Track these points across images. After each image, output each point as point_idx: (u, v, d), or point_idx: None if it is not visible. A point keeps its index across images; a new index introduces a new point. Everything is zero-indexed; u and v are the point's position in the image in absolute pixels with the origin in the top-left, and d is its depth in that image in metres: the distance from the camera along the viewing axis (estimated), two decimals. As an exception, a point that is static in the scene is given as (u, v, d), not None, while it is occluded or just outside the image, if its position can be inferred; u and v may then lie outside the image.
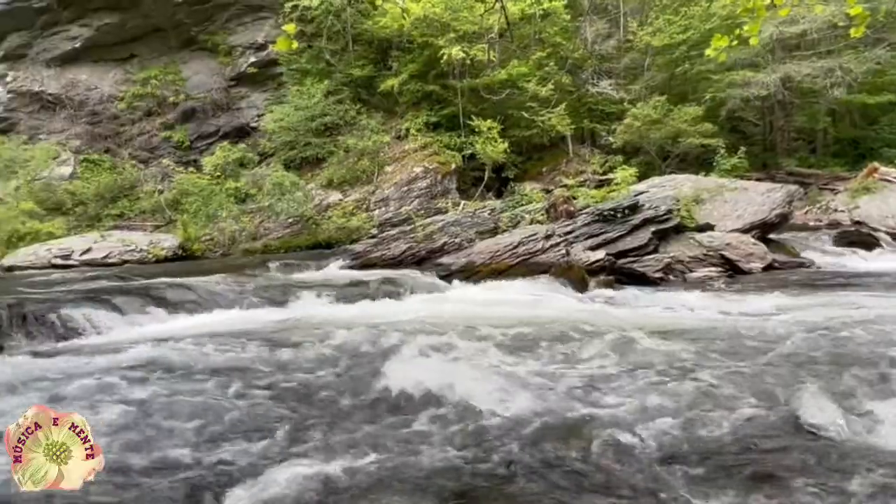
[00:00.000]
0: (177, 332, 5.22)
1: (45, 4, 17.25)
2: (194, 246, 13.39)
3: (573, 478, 2.21)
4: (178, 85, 18.60)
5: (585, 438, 2.55)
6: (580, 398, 3.09)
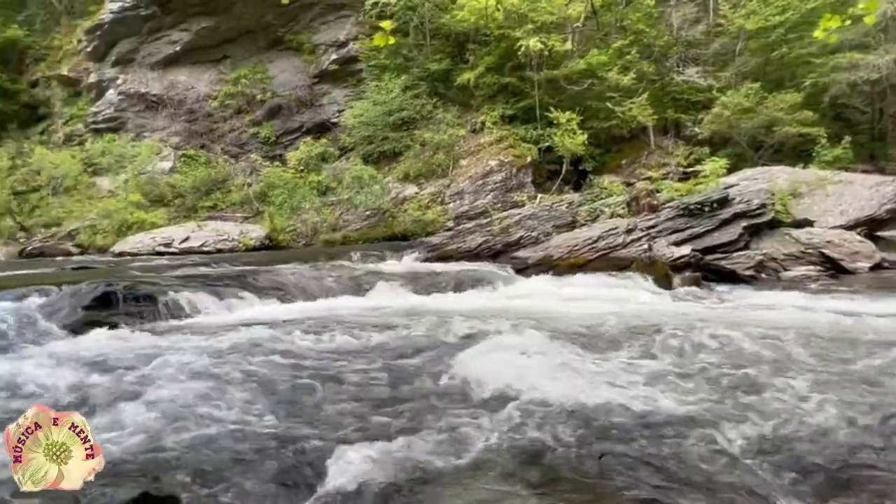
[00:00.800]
0: (267, 317, 5.53)
1: (150, 11, 18.68)
2: (280, 236, 14.10)
3: (664, 474, 2.14)
4: (266, 83, 19.55)
5: (676, 436, 2.46)
6: (668, 396, 2.98)
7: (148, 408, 2.71)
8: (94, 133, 19.63)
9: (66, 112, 20.57)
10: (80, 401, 2.93)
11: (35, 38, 21.55)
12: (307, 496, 2.02)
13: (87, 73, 20.22)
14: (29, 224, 16.44)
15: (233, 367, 3.57)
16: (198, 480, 2.00)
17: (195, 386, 3.03)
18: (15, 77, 21.35)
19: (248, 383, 3.29)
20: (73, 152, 18.56)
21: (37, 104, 21.30)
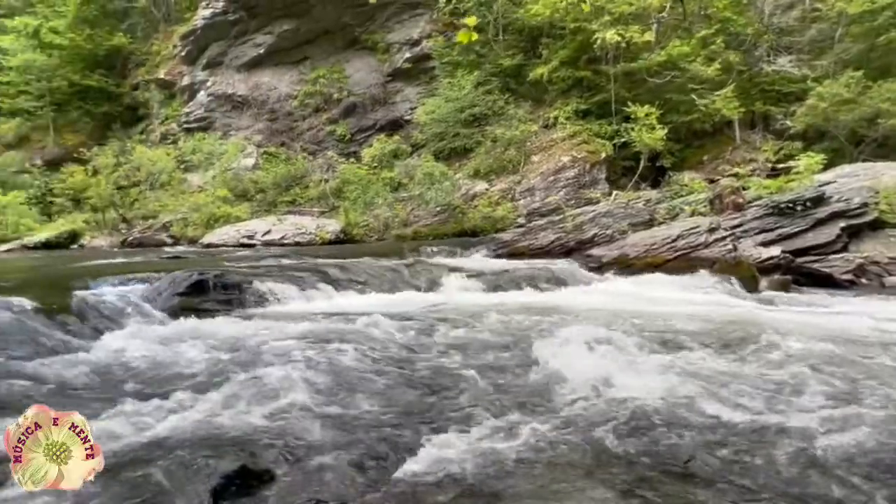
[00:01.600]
0: (344, 308, 5.73)
1: (238, 16, 19.76)
2: (354, 230, 14.56)
3: (753, 482, 2.04)
4: (342, 83, 20.18)
5: (766, 444, 2.34)
6: (756, 401, 2.83)
7: (241, 387, 2.89)
8: (186, 132, 21.06)
9: (162, 113, 22.19)
10: (181, 378, 3.17)
11: (137, 44, 23.37)
12: (389, 479, 2.09)
13: (181, 76, 21.69)
14: (129, 216, 17.92)
15: (315, 353, 3.73)
16: (289, 458, 2.12)
17: (282, 369, 3.19)
18: (119, 81, 23.28)
19: (330, 369, 3.42)
20: (168, 150, 20.00)
21: (137, 106, 23.12)
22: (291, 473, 2.01)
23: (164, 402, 2.70)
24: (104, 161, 18.75)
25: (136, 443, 2.24)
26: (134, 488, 1.90)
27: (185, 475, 1.95)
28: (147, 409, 2.62)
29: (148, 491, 1.88)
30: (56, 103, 22.31)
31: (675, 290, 6.56)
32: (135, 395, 2.96)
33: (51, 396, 2.92)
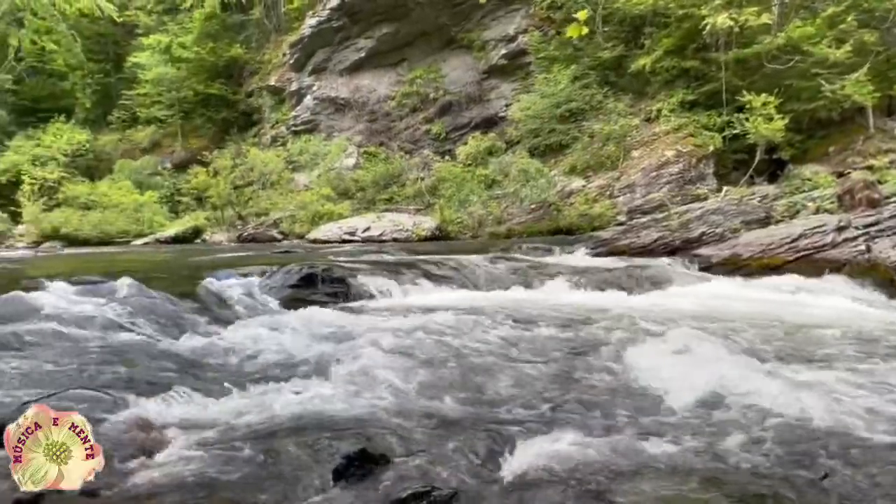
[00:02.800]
0: (442, 303, 5.84)
1: (341, 23, 20.72)
2: (448, 228, 14.78)
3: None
4: (439, 82, 20.53)
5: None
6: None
7: (353, 375, 3.04)
8: (293, 134, 22.45)
9: (272, 117, 23.80)
10: (297, 363, 3.40)
11: (251, 54, 25.23)
12: (498, 473, 2.11)
13: (290, 82, 23.13)
14: (244, 213, 19.42)
15: (417, 346, 3.84)
16: (402, 444, 2.21)
17: (388, 359, 3.33)
18: (236, 89, 25.27)
19: (432, 361, 3.51)
20: (278, 152, 21.43)
21: (251, 111, 24.98)
22: (406, 459, 2.09)
23: (285, 385, 2.91)
24: (223, 163, 20.47)
25: (263, 421, 2.43)
26: (263, 462, 2.06)
27: (308, 454, 2.09)
28: (270, 391, 2.84)
29: (276, 466, 2.03)
30: (183, 111, 24.66)
31: (795, 293, 6.02)
32: (257, 377, 3.21)
33: (185, 374, 3.24)
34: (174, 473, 1.96)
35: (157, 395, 2.70)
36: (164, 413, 2.49)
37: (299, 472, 1.98)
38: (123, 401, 2.57)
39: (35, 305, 4.31)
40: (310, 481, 1.91)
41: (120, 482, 1.88)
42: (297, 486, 1.88)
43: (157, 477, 1.93)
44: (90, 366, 3.15)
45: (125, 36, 26.95)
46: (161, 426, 2.35)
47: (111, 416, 2.42)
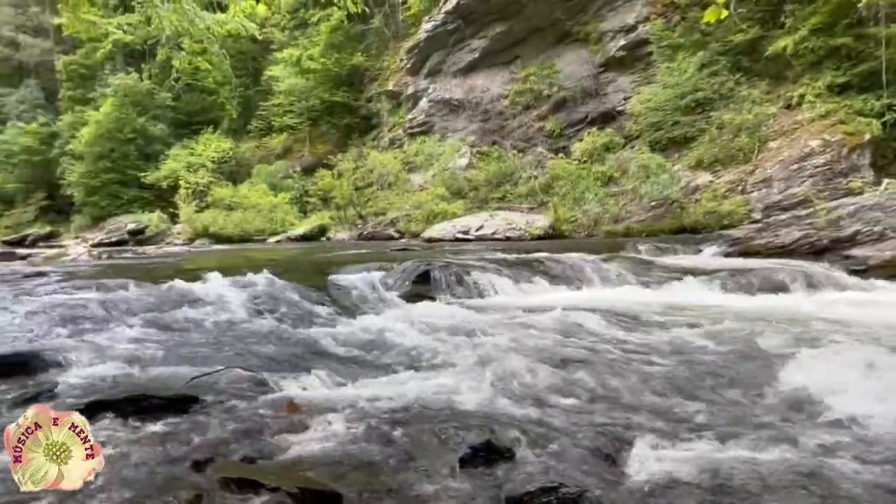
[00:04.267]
0: (559, 302, 5.74)
1: (455, 25, 21.10)
2: (562, 226, 14.48)
3: None
4: (553, 78, 20.16)
5: None
6: None
7: (474, 368, 3.11)
8: (410, 136, 23.26)
9: (390, 120, 24.86)
10: (421, 354, 3.54)
11: (371, 61, 26.54)
12: (620, 475, 2.06)
13: (406, 86, 23.99)
14: (364, 213, 20.49)
15: (537, 343, 3.84)
16: (525, 439, 2.22)
17: (509, 355, 3.35)
18: (357, 95, 26.73)
19: (552, 360, 3.48)
20: (395, 154, 22.34)
21: (371, 116, 26.28)
22: (530, 454, 2.10)
23: (411, 375, 3.05)
24: (345, 166, 21.78)
25: (394, 406, 2.57)
26: (395, 445, 2.18)
27: (436, 441, 2.18)
28: (398, 379, 2.99)
29: (407, 449, 2.14)
30: (311, 119, 26.56)
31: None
32: (385, 365, 3.39)
33: (321, 360, 3.50)
34: (318, 450, 2.13)
35: (298, 377, 2.96)
36: (306, 394, 2.72)
37: (428, 457, 2.07)
38: (271, 381, 2.85)
39: (196, 293, 4.90)
40: (438, 467, 1.99)
41: (273, 454, 2.09)
42: (427, 470, 1.97)
43: (303, 452, 2.12)
44: (241, 347, 3.52)
45: (262, 52, 29.59)
46: (303, 406, 2.57)
47: (261, 395, 2.69)
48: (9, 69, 34.62)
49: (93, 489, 1.70)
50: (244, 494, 1.69)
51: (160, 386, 2.59)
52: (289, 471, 1.89)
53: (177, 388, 2.55)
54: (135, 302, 4.50)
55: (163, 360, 3.14)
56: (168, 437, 2.11)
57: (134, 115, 27.43)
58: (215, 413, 2.40)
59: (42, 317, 4.05)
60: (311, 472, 1.94)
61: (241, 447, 2.09)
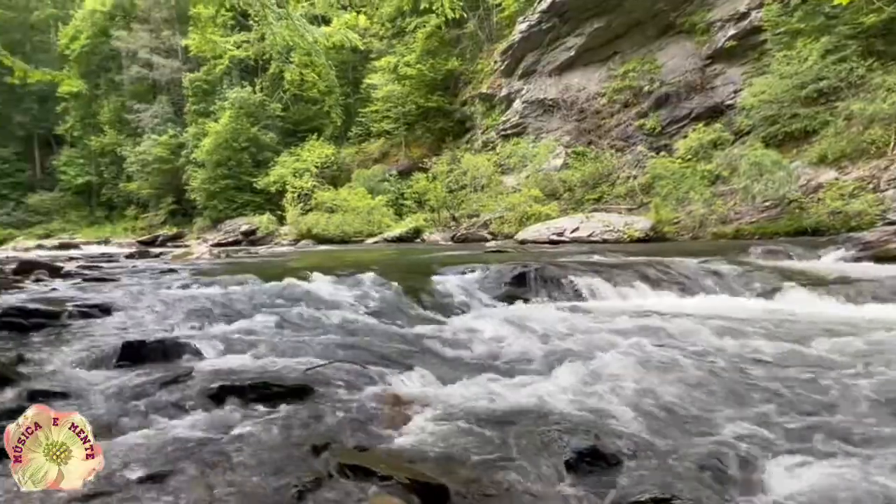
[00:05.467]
0: (661, 308, 5.49)
1: (551, 24, 20.81)
2: (664, 228, 13.79)
3: None
4: (654, 73, 19.29)
5: None
6: None
7: (573, 372, 3.05)
8: (503, 138, 23.24)
9: (483, 123, 24.99)
10: (519, 356, 3.53)
11: (465, 65, 26.84)
12: (735, 492, 1.94)
13: (500, 88, 24.01)
14: (458, 215, 20.76)
15: (640, 349, 3.69)
16: (632, 447, 2.15)
17: (611, 361, 3.26)
18: (451, 99, 27.15)
19: (658, 367, 3.33)
20: (488, 156, 22.43)
21: (465, 119, 26.57)
22: (638, 463, 2.04)
23: (510, 376, 3.06)
24: (440, 168, 22.19)
25: (494, 406, 2.59)
26: (497, 445, 2.20)
27: (539, 443, 2.17)
28: (497, 380, 3.01)
29: (509, 450, 2.15)
30: (407, 124, 27.34)
31: None
32: (483, 365, 3.43)
33: (420, 357, 3.60)
34: (422, 444, 2.21)
35: (400, 373, 3.07)
36: (409, 389, 2.82)
37: (532, 458, 2.07)
38: (376, 375, 2.98)
39: (305, 291, 5.23)
40: (542, 470, 1.98)
41: (380, 444, 2.19)
42: (531, 473, 1.97)
43: (408, 445, 2.20)
44: (348, 342, 3.71)
45: (361, 61, 30.91)
46: (406, 401, 2.66)
47: (367, 388, 2.83)
48: (145, 87, 38.86)
49: (230, 464, 1.88)
50: (358, 481, 1.79)
51: (279, 375, 2.80)
52: (397, 461, 1.97)
53: (294, 378, 2.74)
54: (253, 298, 4.88)
55: (279, 352, 3.39)
56: (288, 423, 2.28)
57: (248, 126, 29.73)
58: (328, 402, 2.55)
59: (176, 308, 4.52)
60: (417, 464, 2.01)
61: (352, 436, 2.21)
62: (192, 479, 1.78)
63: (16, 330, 3.84)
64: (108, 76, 39.93)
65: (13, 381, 2.58)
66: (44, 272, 7.36)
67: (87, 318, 4.26)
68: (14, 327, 3.86)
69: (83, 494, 1.63)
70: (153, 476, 1.77)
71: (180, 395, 2.52)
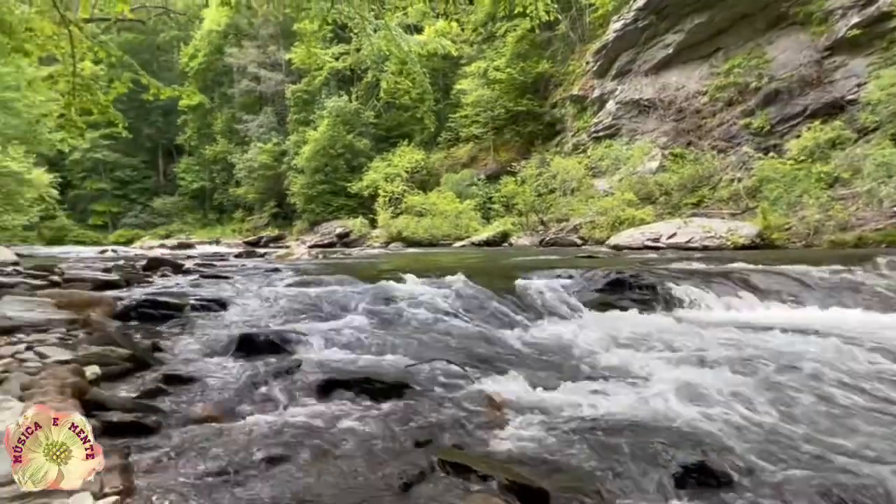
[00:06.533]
0: (773, 321, 5.09)
1: (647, 22, 20.02)
2: (773, 235, 12.78)
3: None
4: (762, 68, 17.98)
5: None
6: None
7: (673, 384, 2.91)
8: (594, 141, 22.65)
9: (574, 125, 24.49)
10: (617, 364, 3.43)
11: (556, 67, 26.47)
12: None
13: (592, 90, 23.42)
14: (546, 219, 20.48)
15: (748, 364, 3.45)
16: (742, 467, 2.02)
17: (717, 374, 3.08)
18: (541, 102, 26.88)
19: (763, 383, 3.11)
20: (579, 159, 21.94)
21: (554, 122, 26.19)
22: (751, 484, 1.92)
23: (608, 384, 2.98)
24: (529, 172, 22.01)
25: (593, 414, 2.54)
26: (597, 453, 2.15)
27: (641, 455, 2.10)
28: (595, 387, 2.95)
29: (609, 459, 2.10)
30: (495, 128, 27.42)
31: None
32: (577, 372, 3.36)
33: (514, 361, 3.60)
34: (519, 447, 2.21)
35: (496, 375, 3.10)
36: (504, 392, 2.83)
37: (634, 471, 2.01)
38: (471, 376, 3.03)
39: (398, 291, 5.40)
40: (646, 483, 1.92)
41: (478, 445, 2.22)
42: (634, 485, 1.91)
43: (505, 447, 2.22)
44: (442, 343, 3.79)
45: (451, 67, 31.39)
46: (502, 404, 2.68)
47: (463, 388, 2.87)
48: (252, 99, 41.91)
49: (339, 452, 2.00)
50: (459, 478, 1.83)
51: (379, 371, 2.92)
52: (496, 462, 2.00)
53: (394, 375, 2.85)
54: (351, 296, 5.12)
55: (377, 349, 3.53)
56: (390, 417, 2.38)
57: (343, 133, 31.16)
58: (426, 400, 2.63)
59: (282, 305, 4.84)
60: (516, 466, 2.02)
61: (451, 434, 2.26)
62: (306, 465, 1.91)
63: (149, 320, 4.29)
64: (221, 90, 43.50)
65: (151, 366, 2.89)
66: (168, 269, 8.15)
67: (207, 310, 4.68)
68: (147, 317, 4.32)
69: (217, 469, 1.80)
70: (273, 458, 1.92)
71: (291, 385, 2.71)
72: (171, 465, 1.88)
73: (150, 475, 1.79)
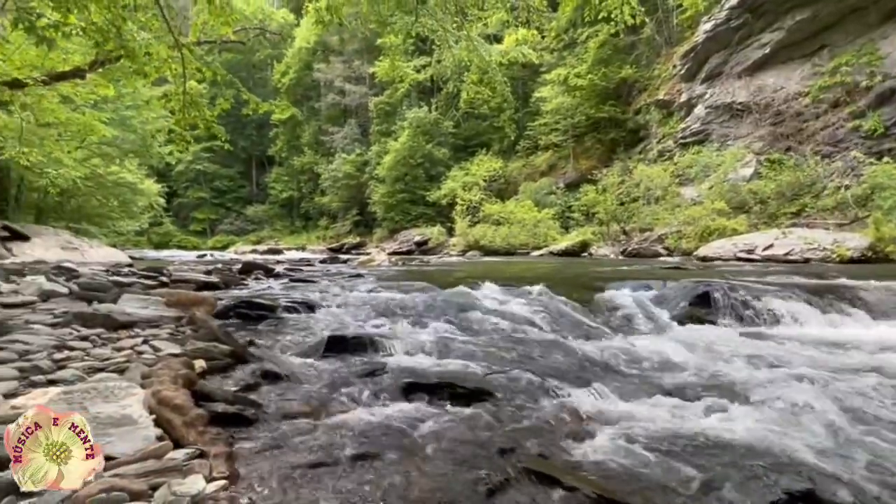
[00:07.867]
0: (886, 340, 4.64)
1: (741, 21, 18.95)
2: (887, 247, 11.62)
3: None
4: (874, 65, 16.47)
5: None
6: None
7: (775, 405, 2.73)
8: (681, 147, 21.66)
9: (659, 132, 23.55)
10: (705, 381, 3.25)
11: (640, 72, 25.62)
12: None
13: (679, 94, 22.44)
14: (629, 228, 19.79)
15: (854, 388, 3.16)
16: (851, 499, 1.86)
17: (821, 397, 2.85)
18: (624, 108, 26.10)
19: (876, 411, 2.83)
20: (665, 166, 21.05)
21: (638, 128, 25.33)
22: (866, 516, 1.76)
23: (695, 401, 2.84)
24: (610, 180, 21.40)
25: (679, 431, 2.42)
26: (685, 471, 2.05)
27: (736, 477, 1.98)
28: (680, 404, 2.82)
29: (699, 477, 2.00)
30: (575, 135, 26.92)
31: None
32: (664, 387, 3.22)
33: (596, 373, 3.51)
34: (603, 461, 2.16)
35: (578, 388, 3.04)
36: (587, 405, 2.77)
37: (730, 493, 1.90)
38: (553, 387, 2.99)
39: (477, 299, 5.44)
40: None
41: (561, 456, 2.19)
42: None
43: (589, 460, 2.17)
44: (521, 352, 3.77)
45: (531, 75, 31.23)
46: (586, 416, 2.62)
47: (545, 398, 2.84)
48: (337, 112, 43.84)
49: (425, 454, 2.04)
50: (543, 488, 1.81)
51: (460, 377, 2.95)
52: (581, 474, 1.96)
53: (475, 381, 2.87)
54: (431, 303, 5.21)
55: (458, 355, 3.57)
56: (473, 423, 2.40)
57: (423, 143, 31.83)
58: (508, 408, 2.63)
59: (367, 308, 5.01)
60: (601, 480, 1.97)
61: (534, 443, 2.24)
62: (393, 463, 1.97)
63: (245, 319, 4.60)
64: (309, 104, 45.86)
65: (248, 362, 3.09)
66: (261, 272, 8.68)
67: (296, 312, 4.93)
68: (244, 317, 4.63)
69: (311, 462, 1.90)
70: (362, 455, 2.00)
71: (376, 386, 2.80)
72: (268, 455, 2.00)
73: (251, 464, 1.92)
